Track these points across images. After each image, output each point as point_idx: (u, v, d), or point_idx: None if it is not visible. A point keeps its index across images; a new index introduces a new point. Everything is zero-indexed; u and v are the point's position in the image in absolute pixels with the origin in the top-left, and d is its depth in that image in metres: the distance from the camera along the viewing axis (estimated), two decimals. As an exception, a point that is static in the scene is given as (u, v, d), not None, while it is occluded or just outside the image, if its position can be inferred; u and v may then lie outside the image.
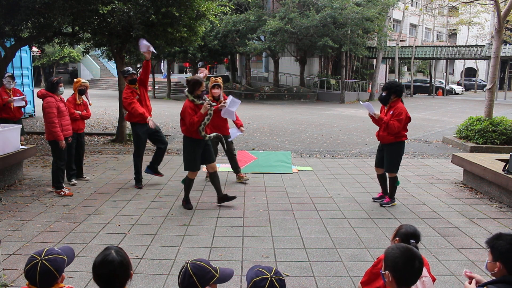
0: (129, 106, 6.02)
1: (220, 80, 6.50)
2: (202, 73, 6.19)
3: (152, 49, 5.90)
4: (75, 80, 6.57)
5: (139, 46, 5.94)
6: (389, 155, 5.52)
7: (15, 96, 7.54)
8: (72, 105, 6.37)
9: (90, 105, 6.76)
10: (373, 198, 5.90)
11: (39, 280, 2.00)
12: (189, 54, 24.15)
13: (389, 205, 5.60)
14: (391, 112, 5.36)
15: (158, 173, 6.61)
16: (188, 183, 5.47)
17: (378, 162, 5.76)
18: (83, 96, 6.57)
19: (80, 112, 6.41)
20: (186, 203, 5.46)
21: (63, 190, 5.82)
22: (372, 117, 5.55)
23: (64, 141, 5.78)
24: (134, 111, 6.00)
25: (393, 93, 5.36)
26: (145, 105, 6.21)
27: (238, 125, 6.39)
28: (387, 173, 5.64)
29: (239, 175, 6.77)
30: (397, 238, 2.55)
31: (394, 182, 5.59)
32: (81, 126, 6.52)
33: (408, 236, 2.50)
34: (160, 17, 8.48)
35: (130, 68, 6.27)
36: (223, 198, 5.51)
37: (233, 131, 6.28)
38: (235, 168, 6.72)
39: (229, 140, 6.35)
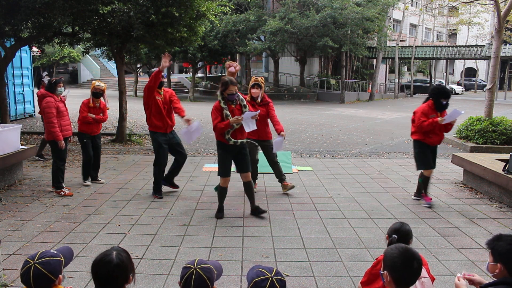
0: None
1: (261, 79, 5.96)
2: (232, 67, 5.41)
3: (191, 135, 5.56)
4: (92, 82, 6.44)
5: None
6: (436, 152, 5.76)
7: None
8: (86, 107, 6.25)
9: (107, 109, 6.53)
10: (426, 205, 5.66)
11: (34, 284, 1.97)
12: (189, 54, 24.15)
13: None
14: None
15: (173, 186, 6.15)
16: (219, 191, 5.09)
17: (432, 164, 5.69)
18: (101, 99, 6.38)
19: (94, 116, 6.25)
20: (218, 212, 5.10)
21: (63, 190, 5.82)
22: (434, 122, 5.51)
23: (63, 141, 5.76)
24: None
25: (437, 98, 5.48)
26: (166, 116, 5.73)
27: (279, 130, 5.76)
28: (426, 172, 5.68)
29: (284, 184, 6.11)
30: (386, 235, 2.59)
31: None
32: (95, 129, 6.37)
33: (392, 232, 2.56)
34: (160, 17, 8.47)
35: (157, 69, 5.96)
36: (254, 210, 5.16)
37: (277, 143, 5.66)
38: (279, 176, 6.10)
39: (271, 148, 5.93)
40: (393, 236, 2.49)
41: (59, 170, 5.86)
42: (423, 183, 5.71)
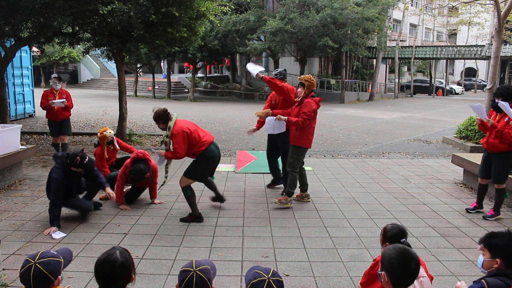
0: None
1: (305, 76, 5.37)
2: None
3: (255, 71, 5.53)
4: (99, 132, 5.93)
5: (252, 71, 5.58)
6: (500, 164, 5.10)
7: (61, 98, 7.56)
8: (101, 158, 5.90)
9: (117, 149, 6.18)
10: (467, 209, 5.45)
11: (33, 283, 1.98)
12: (189, 54, 24.14)
13: (494, 218, 5.16)
14: (506, 119, 4.92)
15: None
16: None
17: (484, 173, 5.30)
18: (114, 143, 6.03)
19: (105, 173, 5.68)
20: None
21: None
22: (481, 121, 5.16)
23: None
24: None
25: (510, 100, 4.84)
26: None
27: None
28: (494, 185, 5.20)
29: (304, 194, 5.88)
30: (387, 243, 2.54)
31: (503, 194, 5.19)
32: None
33: (397, 237, 2.51)
34: (160, 17, 8.46)
35: (281, 71, 6.07)
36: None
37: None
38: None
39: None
40: (403, 240, 2.46)
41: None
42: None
